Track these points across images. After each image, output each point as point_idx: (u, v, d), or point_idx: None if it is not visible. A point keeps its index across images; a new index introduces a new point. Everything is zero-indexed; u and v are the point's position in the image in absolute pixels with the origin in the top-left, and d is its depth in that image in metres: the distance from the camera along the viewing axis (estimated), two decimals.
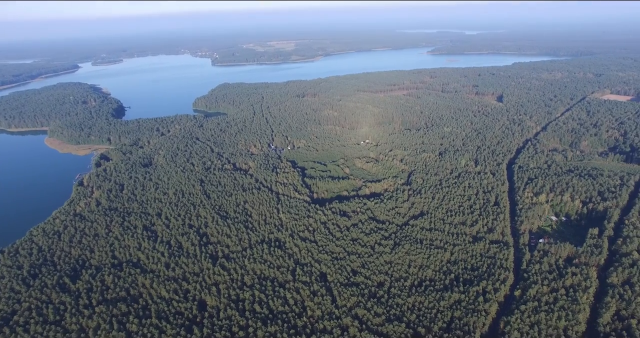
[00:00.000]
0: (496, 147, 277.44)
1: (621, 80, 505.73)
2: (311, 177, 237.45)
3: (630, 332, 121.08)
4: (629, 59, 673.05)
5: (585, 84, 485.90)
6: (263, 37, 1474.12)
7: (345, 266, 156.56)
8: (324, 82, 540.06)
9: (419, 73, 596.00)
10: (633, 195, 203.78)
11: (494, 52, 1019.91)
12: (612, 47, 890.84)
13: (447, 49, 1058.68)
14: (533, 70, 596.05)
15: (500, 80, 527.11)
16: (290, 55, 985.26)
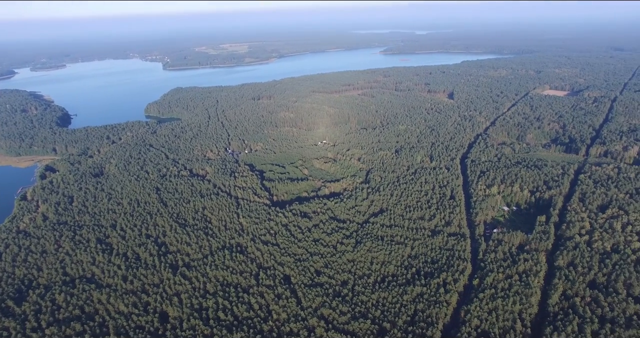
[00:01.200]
0: (449, 142, 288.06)
1: (558, 77, 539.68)
2: (270, 180, 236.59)
3: (575, 309, 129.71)
4: (564, 57, 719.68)
5: (528, 81, 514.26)
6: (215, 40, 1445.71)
7: (308, 267, 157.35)
8: (279, 84, 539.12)
9: (373, 73, 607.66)
10: (573, 183, 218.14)
11: (443, 51, 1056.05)
12: (549, 46, 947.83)
13: (399, 49, 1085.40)
14: (480, 68, 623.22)
15: (451, 78, 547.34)
16: (243, 58, 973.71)
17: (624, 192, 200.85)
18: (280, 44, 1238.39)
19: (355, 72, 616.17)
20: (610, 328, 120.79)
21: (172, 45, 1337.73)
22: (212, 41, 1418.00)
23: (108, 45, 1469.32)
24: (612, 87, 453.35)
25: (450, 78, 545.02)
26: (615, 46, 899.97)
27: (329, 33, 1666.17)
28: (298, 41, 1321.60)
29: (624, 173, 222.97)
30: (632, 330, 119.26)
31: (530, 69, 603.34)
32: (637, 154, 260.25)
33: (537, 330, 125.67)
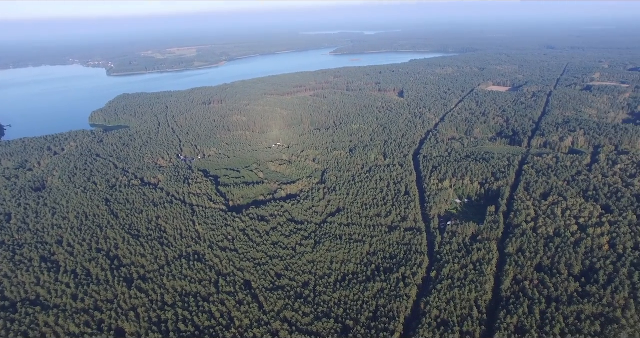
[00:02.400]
0: (402, 140, 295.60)
1: (499, 73, 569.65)
2: (225, 185, 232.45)
3: (524, 292, 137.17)
4: (504, 55, 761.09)
5: (472, 78, 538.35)
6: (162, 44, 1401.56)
7: (268, 271, 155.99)
8: (230, 88, 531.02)
9: (324, 73, 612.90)
10: (518, 173, 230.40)
11: (392, 50, 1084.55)
12: (490, 45, 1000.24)
13: (349, 49, 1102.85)
14: (428, 67, 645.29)
15: (400, 76, 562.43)
16: (192, 62, 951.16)
17: (562, 179, 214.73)
18: (229, 47, 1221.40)
19: (306, 74, 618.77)
20: (555, 306, 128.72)
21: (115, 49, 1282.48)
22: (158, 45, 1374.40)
23: (44, 50, 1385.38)
24: (547, 83, 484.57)
25: (400, 77, 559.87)
26: (548, 44, 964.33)
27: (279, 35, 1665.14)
28: (248, 44, 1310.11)
29: (562, 162, 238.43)
30: (573, 307, 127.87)
31: (474, 67, 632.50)
32: (572, 144, 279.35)
33: (492, 315, 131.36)
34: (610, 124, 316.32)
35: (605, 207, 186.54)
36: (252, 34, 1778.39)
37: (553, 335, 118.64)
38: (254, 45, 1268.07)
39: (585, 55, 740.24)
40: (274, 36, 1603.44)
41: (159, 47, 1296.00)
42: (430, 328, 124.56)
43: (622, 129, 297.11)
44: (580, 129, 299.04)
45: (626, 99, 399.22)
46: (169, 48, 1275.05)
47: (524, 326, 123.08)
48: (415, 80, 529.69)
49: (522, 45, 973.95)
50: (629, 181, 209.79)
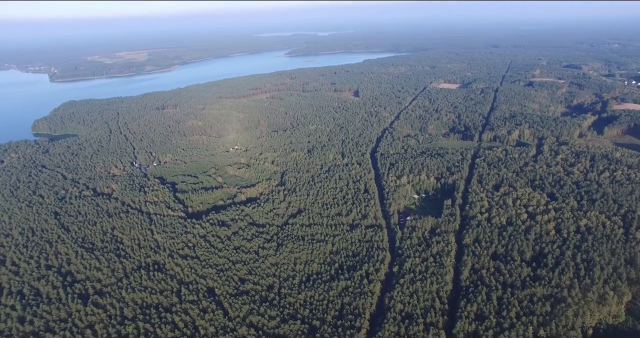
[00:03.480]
0: (359, 138, 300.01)
1: (449, 71, 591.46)
2: (183, 191, 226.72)
3: (482, 280, 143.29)
4: (453, 53, 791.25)
5: (424, 76, 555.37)
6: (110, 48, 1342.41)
7: (232, 276, 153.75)
8: (184, 92, 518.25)
9: (279, 75, 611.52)
10: (471, 166, 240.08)
11: (345, 51, 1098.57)
12: (440, 44, 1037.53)
13: (303, 51, 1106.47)
14: (381, 66, 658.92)
15: (355, 76, 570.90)
16: (143, 66, 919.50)
17: (511, 171, 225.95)
18: (182, 51, 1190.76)
19: (261, 76, 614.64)
20: (510, 291, 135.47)
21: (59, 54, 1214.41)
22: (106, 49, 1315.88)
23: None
24: (494, 79, 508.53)
25: (355, 77, 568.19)
26: (492, 43, 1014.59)
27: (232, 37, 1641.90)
28: (201, 47, 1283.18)
29: (510, 154, 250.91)
30: (526, 290, 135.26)
31: (426, 65, 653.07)
32: (519, 137, 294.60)
33: (453, 304, 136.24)
34: (551, 117, 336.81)
35: (551, 194, 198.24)
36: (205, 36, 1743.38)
37: (510, 318, 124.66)
38: (207, 48, 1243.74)
39: (526, 53, 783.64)
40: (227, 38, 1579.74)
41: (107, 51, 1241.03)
42: (395, 322, 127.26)
43: (561, 121, 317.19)
44: (525, 122, 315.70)
45: (563, 94, 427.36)
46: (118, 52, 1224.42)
47: (483, 313, 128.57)
48: (369, 80, 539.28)
49: (469, 44, 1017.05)
50: (570, 170, 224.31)
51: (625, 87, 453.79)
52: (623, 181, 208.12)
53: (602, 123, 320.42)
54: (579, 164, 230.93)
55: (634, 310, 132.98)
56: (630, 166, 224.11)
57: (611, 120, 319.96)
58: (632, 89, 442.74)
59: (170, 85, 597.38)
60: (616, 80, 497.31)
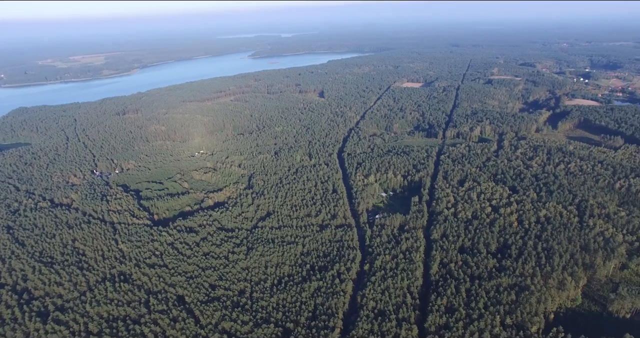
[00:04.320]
0: (325, 139, 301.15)
1: (412, 70, 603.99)
2: (148, 199, 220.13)
3: (451, 274, 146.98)
4: (415, 53, 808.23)
5: (388, 75, 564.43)
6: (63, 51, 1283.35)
7: (202, 283, 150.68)
8: (146, 96, 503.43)
9: (244, 77, 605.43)
10: (436, 163, 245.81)
11: (309, 52, 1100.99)
12: (402, 44, 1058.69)
13: (267, 52, 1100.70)
14: (346, 66, 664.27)
15: (319, 77, 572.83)
16: (101, 70, 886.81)
17: (475, 166, 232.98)
18: (141, 54, 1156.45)
19: (225, 78, 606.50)
20: (478, 283, 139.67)
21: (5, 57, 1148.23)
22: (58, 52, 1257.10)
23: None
24: (455, 78, 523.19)
25: (319, 77, 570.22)
26: (453, 43, 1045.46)
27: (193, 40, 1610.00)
28: (161, 49, 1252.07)
29: (473, 150, 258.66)
30: (492, 281, 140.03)
31: (389, 65, 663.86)
32: (480, 133, 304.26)
33: (424, 299, 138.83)
34: (510, 113, 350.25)
35: (512, 187, 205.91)
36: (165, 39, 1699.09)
37: (478, 309, 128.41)
38: (168, 50, 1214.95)
39: (485, 52, 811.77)
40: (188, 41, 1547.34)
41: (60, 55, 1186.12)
42: (368, 319, 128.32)
43: (519, 117, 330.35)
44: (486, 119, 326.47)
45: (520, 91, 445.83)
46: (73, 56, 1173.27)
47: (453, 305, 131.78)
48: (334, 80, 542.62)
49: (431, 43, 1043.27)
50: (529, 163, 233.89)
51: (575, 84, 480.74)
52: (576, 172, 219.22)
53: (556, 118, 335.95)
54: (536, 157, 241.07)
55: (589, 293, 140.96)
56: (582, 158, 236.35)
57: (564, 115, 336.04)
58: (580, 86, 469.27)
59: (131, 89, 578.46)
60: (567, 78, 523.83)
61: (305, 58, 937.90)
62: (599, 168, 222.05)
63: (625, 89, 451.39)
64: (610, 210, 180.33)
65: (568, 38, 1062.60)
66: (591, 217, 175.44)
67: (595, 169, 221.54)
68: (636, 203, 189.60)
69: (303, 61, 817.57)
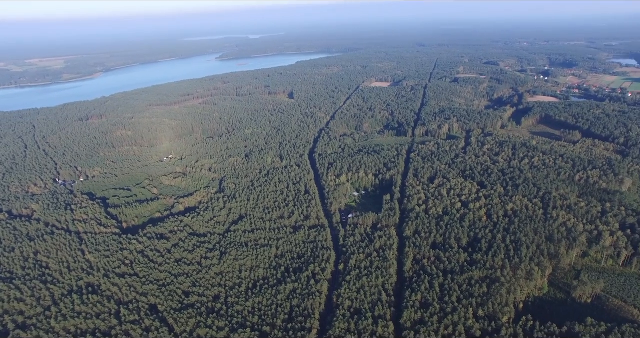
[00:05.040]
0: (296, 140, 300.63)
1: (381, 70, 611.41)
2: (116, 206, 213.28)
3: (424, 269, 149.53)
4: (383, 53, 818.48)
5: (357, 75, 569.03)
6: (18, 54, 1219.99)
7: (175, 290, 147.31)
8: (110, 101, 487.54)
9: (212, 80, 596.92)
10: (407, 161, 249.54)
11: (278, 53, 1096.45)
12: (370, 44, 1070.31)
13: (235, 54, 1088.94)
14: (314, 67, 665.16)
15: (288, 78, 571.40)
16: (60, 74, 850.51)
17: (444, 163, 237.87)
18: (104, 57, 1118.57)
19: (193, 81, 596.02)
20: (451, 277, 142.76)
21: None
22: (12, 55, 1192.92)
23: None
24: (423, 77, 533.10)
25: (288, 79, 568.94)
26: (419, 42, 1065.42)
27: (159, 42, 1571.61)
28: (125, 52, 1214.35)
29: (442, 147, 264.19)
30: (465, 275, 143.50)
31: (358, 65, 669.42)
32: (448, 130, 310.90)
33: (399, 296, 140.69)
34: (476, 110, 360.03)
35: (480, 183, 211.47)
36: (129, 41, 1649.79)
37: (451, 303, 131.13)
38: (133, 53, 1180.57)
39: (451, 52, 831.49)
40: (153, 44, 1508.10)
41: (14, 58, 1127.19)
42: (344, 319, 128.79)
43: (485, 114, 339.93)
44: (453, 116, 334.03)
45: (485, 89, 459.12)
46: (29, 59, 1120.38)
47: (427, 300, 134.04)
48: (303, 81, 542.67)
49: (398, 43, 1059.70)
50: (495, 159, 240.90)
51: (535, 81, 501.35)
52: (540, 166, 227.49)
53: (519, 114, 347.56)
54: (502, 153, 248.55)
55: (555, 281, 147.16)
56: (544, 152, 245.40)
57: (526, 111, 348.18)
58: (541, 83, 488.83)
59: (94, 94, 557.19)
60: (528, 75, 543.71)
61: (274, 59, 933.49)
62: (560, 161, 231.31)
63: (581, 86, 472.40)
64: (572, 201, 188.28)
65: (528, 38, 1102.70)
66: (554, 208, 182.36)
67: (557, 162, 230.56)
68: (594, 194, 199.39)
69: (272, 62, 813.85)
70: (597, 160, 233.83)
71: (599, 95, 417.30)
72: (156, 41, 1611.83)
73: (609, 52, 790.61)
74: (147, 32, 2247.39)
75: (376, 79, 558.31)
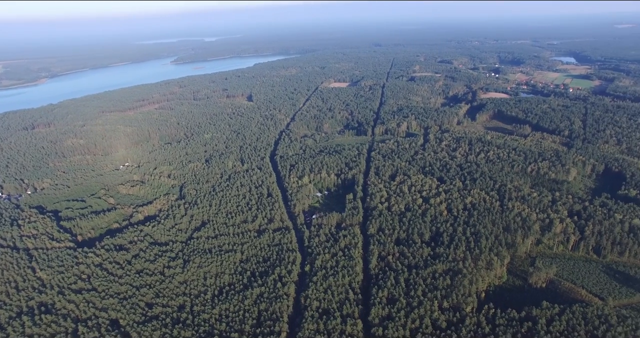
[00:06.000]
0: (256, 143, 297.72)
1: (339, 70, 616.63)
2: (69, 219, 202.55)
3: (389, 266, 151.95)
4: (340, 53, 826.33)
5: (315, 76, 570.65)
6: None
7: (137, 303, 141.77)
8: (58, 108, 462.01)
9: (167, 84, 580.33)
10: (368, 160, 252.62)
11: (235, 55, 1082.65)
12: (327, 44, 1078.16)
13: (191, 57, 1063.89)
14: (272, 69, 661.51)
15: (247, 81, 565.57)
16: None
17: (404, 160, 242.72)
18: (50, 61, 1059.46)
19: (148, 86, 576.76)
20: (415, 272, 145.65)
21: None
22: None
23: None
24: (380, 76, 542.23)
25: (246, 81, 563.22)
26: (375, 42, 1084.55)
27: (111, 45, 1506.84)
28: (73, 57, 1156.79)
29: (402, 145, 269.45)
30: (429, 269, 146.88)
31: (316, 66, 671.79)
32: (407, 128, 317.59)
33: (366, 293, 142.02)
34: (433, 107, 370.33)
35: (440, 178, 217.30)
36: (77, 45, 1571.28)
37: (417, 297, 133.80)
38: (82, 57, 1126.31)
39: (406, 51, 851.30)
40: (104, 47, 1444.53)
41: None
42: (313, 319, 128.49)
43: (441, 111, 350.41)
44: (411, 114, 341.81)
45: (440, 86, 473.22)
46: None
47: (394, 296, 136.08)
48: (262, 83, 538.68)
49: (355, 43, 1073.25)
50: (453, 154, 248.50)
51: (487, 78, 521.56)
52: (495, 160, 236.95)
53: (474, 110, 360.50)
54: (460, 148, 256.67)
55: (513, 269, 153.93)
56: (498, 146, 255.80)
57: (480, 107, 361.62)
58: (492, 80, 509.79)
59: (39, 101, 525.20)
60: (480, 73, 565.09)
61: (231, 62, 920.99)
62: (513, 155, 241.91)
63: (528, 82, 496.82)
64: (525, 192, 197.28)
65: (478, 37, 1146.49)
66: (510, 200, 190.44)
67: (510, 155, 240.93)
68: (544, 184, 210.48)
69: (229, 65, 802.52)
70: (546, 152, 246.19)
71: (544, 91, 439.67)
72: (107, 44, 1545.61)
73: (551, 51, 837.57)
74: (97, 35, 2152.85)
75: (335, 79, 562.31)
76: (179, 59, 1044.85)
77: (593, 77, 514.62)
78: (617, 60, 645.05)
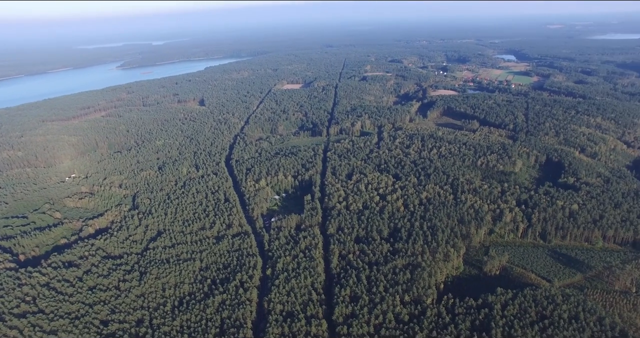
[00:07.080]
0: (211, 148, 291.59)
1: (291, 72, 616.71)
2: (9, 238, 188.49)
3: (351, 264, 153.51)
4: (292, 55, 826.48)
5: (268, 79, 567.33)
6: None
7: (91, 321, 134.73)
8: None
9: (114, 90, 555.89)
10: (324, 160, 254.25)
11: (184, 59, 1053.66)
12: (279, 46, 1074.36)
13: (138, 62, 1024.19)
14: (224, 72, 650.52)
15: (198, 85, 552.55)
16: None
17: (360, 159, 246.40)
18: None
19: (93, 92, 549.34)
20: (376, 268, 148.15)
21: None
22: None
23: None
24: (333, 77, 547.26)
25: (198, 85, 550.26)
26: (327, 43, 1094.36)
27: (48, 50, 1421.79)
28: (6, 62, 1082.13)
29: (357, 144, 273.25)
30: (389, 264, 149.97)
31: (268, 68, 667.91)
32: (361, 127, 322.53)
33: (329, 293, 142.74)
34: (385, 106, 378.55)
35: (395, 175, 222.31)
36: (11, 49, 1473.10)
37: (379, 293, 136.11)
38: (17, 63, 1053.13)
39: (358, 51, 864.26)
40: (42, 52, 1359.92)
41: None
42: (277, 323, 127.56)
43: (394, 109, 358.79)
44: (365, 113, 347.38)
45: (392, 85, 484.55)
46: None
47: (357, 294, 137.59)
48: (214, 87, 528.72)
49: (306, 45, 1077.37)
50: (407, 151, 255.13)
51: (436, 76, 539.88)
52: (447, 155, 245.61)
53: (425, 108, 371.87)
54: (413, 145, 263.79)
55: (468, 260, 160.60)
56: (449, 142, 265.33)
57: (431, 105, 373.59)
58: (441, 78, 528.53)
59: None
60: (429, 71, 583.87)
61: (181, 66, 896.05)
62: (464, 149, 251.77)
63: (474, 79, 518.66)
64: (476, 184, 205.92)
65: (426, 36, 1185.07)
66: (463, 192, 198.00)
67: (461, 150, 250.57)
68: (494, 176, 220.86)
69: (179, 69, 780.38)
70: (494, 145, 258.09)
71: (489, 87, 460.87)
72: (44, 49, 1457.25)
73: (493, 49, 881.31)
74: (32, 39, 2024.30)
75: (287, 81, 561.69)
76: (125, 64, 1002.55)
77: (532, 74, 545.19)
78: (551, 57, 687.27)
